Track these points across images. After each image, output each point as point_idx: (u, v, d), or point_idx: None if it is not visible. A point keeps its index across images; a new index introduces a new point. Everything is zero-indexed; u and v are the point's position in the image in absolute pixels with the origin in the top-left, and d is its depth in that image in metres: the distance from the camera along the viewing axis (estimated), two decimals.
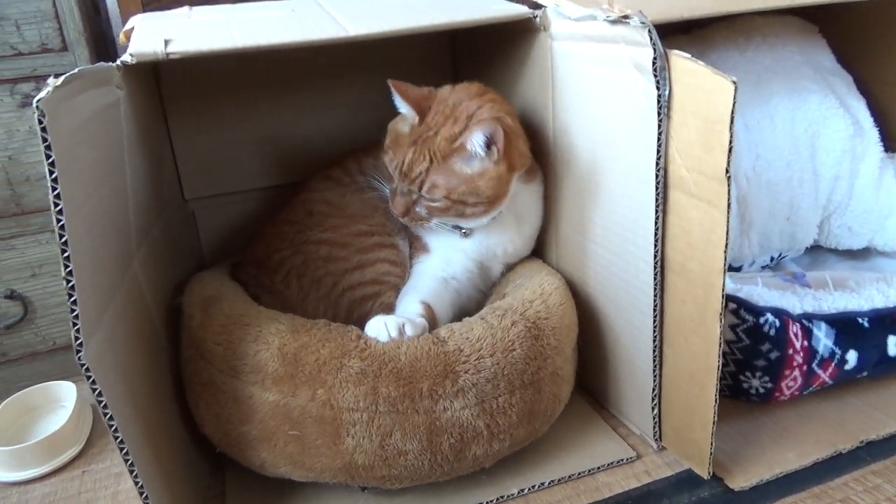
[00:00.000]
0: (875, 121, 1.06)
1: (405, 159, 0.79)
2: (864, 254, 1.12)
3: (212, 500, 0.78)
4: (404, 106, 0.81)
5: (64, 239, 0.51)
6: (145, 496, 0.61)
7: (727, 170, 0.61)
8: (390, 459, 0.69)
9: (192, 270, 0.90)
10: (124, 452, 0.58)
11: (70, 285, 0.51)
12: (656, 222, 0.70)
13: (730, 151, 0.60)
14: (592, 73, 0.75)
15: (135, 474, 0.59)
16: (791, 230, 1.06)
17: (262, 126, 1.04)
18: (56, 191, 0.50)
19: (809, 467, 0.77)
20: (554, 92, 0.83)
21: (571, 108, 0.81)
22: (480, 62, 0.99)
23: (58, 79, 0.52)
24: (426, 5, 0.85)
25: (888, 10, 1.04)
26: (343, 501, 0.76)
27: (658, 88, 0.65)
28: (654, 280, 0.72)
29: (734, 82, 0.58)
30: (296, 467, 0.71)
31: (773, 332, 0.80)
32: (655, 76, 0.64)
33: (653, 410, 0.78)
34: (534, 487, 0.76)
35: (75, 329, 0.52)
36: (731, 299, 0.81)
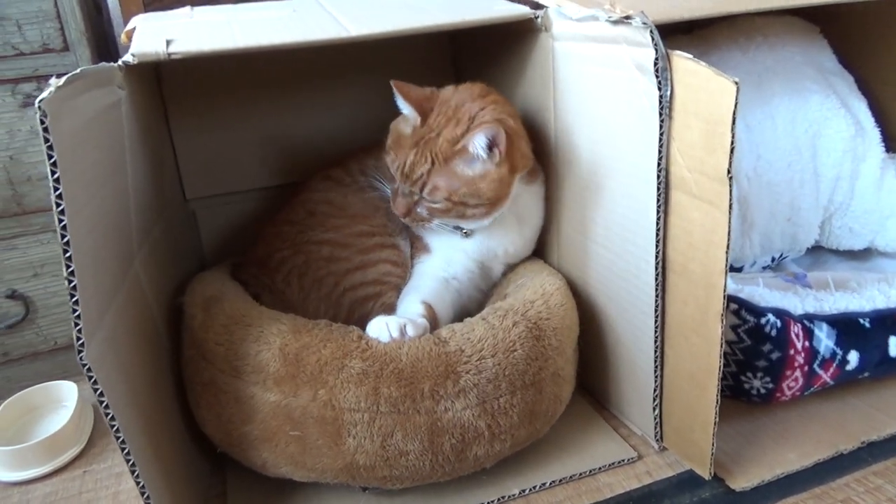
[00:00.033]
0: (876, 121, 1.06)
1: (407, 160, 0.79)
2: (865, 254, 1.12)
3: (213, 499, 0.78)
4: (406, 107, 0.81)
5: (66, 239, 0.51)
6: (146, 496, 0.61)
7: (729, 170, 0.61)
8: (391, 460, 0.69)
9: (193, 270, 0.90)
10: (126, 452, 0.58)
11: (72, 285, 0.51)
12: (658, 223, 0.70)
13: (731, 152, 0.60)
14: (594, 74, 0.75)
15: (136, 474, 0.59)
16: (792, 231, 1.06)
17: (263, 126, 1.04)
18: (58, 191, 0.50)
19: (811, 468, 0.77)
20: (555, 93, 0.83)
21: (573, 108, 0.81)
22: (482, 62, 0.99)
23: (60, 79, 0.52)
24: (427, 5, 0.85)
25: (889, 11, 1.03)
26: (344, 502, 0.76)
27: (660, 89, 0.65)
28: (656, 280, 0.72)
29: (736, 83, 0.58)
30: (297, 467, 0.71)
31: (774, 333, 0.80)
32: (657, 77, 0.64)
33: (654, 411, 0.78)
34: (535, 488, 0.76)
35: (77, 329, 0.52)
36: (733, 300, 0.81)
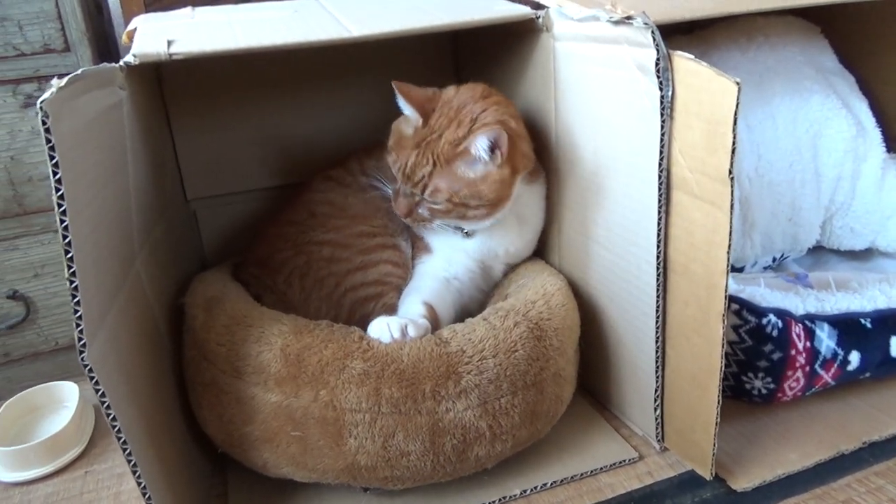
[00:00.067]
0: (877, 121, 1.06)
1: (408, 161, 0.79)
2: (866, 254, 1.12)
3: (214, 500, 0.78)
4: (408, 108, 0.81)
5: (67, 239, 0.51)
6: (148, 496, 0.61)
7: (730, 171, 0.60)
8: (393, 460, 0.69)
9: (194, 271, 0.90)
10: (127, 453, 0.58)
11: (73, 286, 0.51)
12: (659, 223, 0.70)
13: (733, 152, 0.60)
14: (595, 74, 0.75)
15: (137, 474, 0.59)
16: (793, 231, 1.06)
17: (264, 126, 1.04)
18: (60, 191, 0.50)
19: (812, 468, 0.77)
20: (556, 93, 0.83)
21: (574, 109, 0.81)
22: (483, 62, 0.99)
23: (61, 80, 0.52)
24: (429, 6, 0.85)
25: (890, 10, 1.03)
26: (345, 502, 0.76)
27: (661, 89, 0.65)
28: (657, 281, 0.72)
29: (737, 83, 0.58)
30: (298, 468, 0.71)
31: (775, 333, 0.80)
32: (658, 77, 0.64)
33: (655, 411, 0.78)
34: (536, 488, 0.76)
35: (78, 329, 0.52)
36: (734, 300, 0.81)
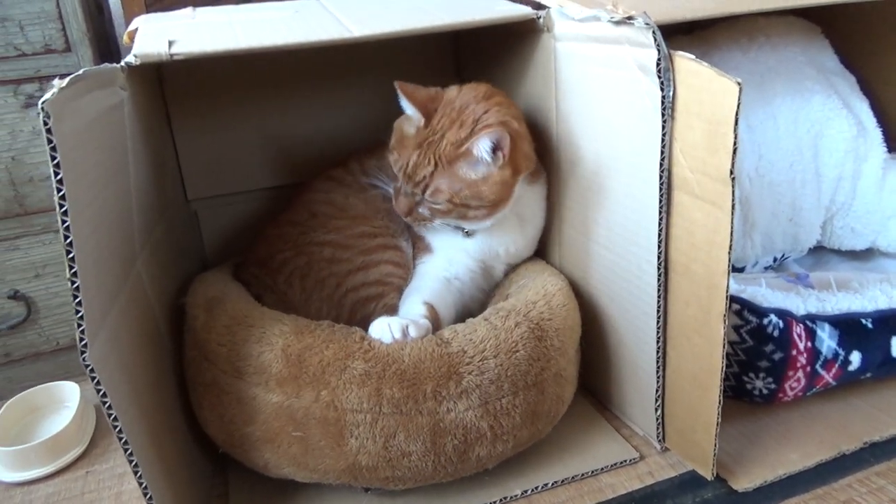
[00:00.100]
0: (878, 121, 1.06)
1: (410, 161, 0.79)
2: (867, 255, 1.12)
3: (215, 500, 0.78)
4: (410, 107, 0.80)
5: (69, 240, 0.51)
6: (149, 496, 0.61)
7: (731, 171, 0.60)
8: (394, 461, 0.69)
9: (194, 271, 0.90)
10: (128, 453, 0.58)
11: (75, 286, 0.51)
12: (660, 223, 0.70)
13: (734, 153, 0.60)
14: (596, 75, 0.75)
15: (139, 475, 0.59)
16: (794, 231, 1.06)
17: (264, 127, 1.04)
18: (61, 192, 0.50)
19: (813, 468, 0.77)
20: (557, 93, 0.83)
21: (575, 109, 0.81)
22: (484, 62, 0.99)
23: (63, 80, 0.52)
24: (430, 6, 0.85)
25: (891, 11, 1.03)
26: (346, 502, 0.76)
27: (662, 90, 0.65)
28: (658, 281, 0.72)
29: (739, 83, 0.58)
30: (299, 468, 0.71)
31: (776, 333, 0.80)
32: (659, 77, 0.64)
33: (656, 412, 0.78)
34: (537, 488, 0.76)
35: (80, 330, 0.52)
36: (735, 300, 0.81)
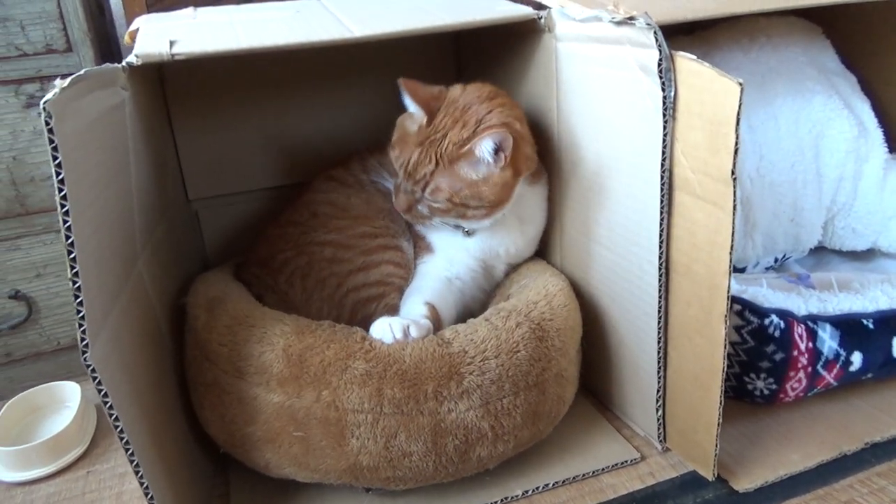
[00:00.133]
0: (879, 121, 1.06)
1: (411, 159, 0.79)
2: (868, 255, 1.12)
3: (216, 500, 0.78)
4: (413, 105, 0.81)
5: (70, 240, 0.51)
6: (150, 496, 0.61)
7: (733, 171, 0.60)
8: (395, 461, 0.69)
9: (195, 271, 0.90)
10: (129, 453, 0.58)
11: (76, 286, 0.51)
12: (661, 224, 0.70)
13: (735, 153, 0.60)
14: (597, 75, 0.75)
15: (140, 475, 0.60)
16: (795, 231, 1.06)
17: (265, 127, 1.04)
18: (63, 192, 0.50)
19: (814, 469, 0.77)
20: (559, 93, 0.83)
21: (576, 109, 0.81)
22: (485, 63, 0.99)
23: (64, 80, 0.52)
24: (431, 6, 0.85)
25: (892, 11, 1.03)
26: (347, 502, 0.76)
27: (663, 90, 0.65)
28: (659, 282, 0.72)
29: (740, 84, 0.58)
30: (300, 468, 0.71)
31: (777, 334, 0.79)
32: (661, 78, 0.64)
33: (657, 412, 0.78)
34: (538, 489, 0.76)
35: (81, 330, 0.52)
36: (736, 301, 0.81)
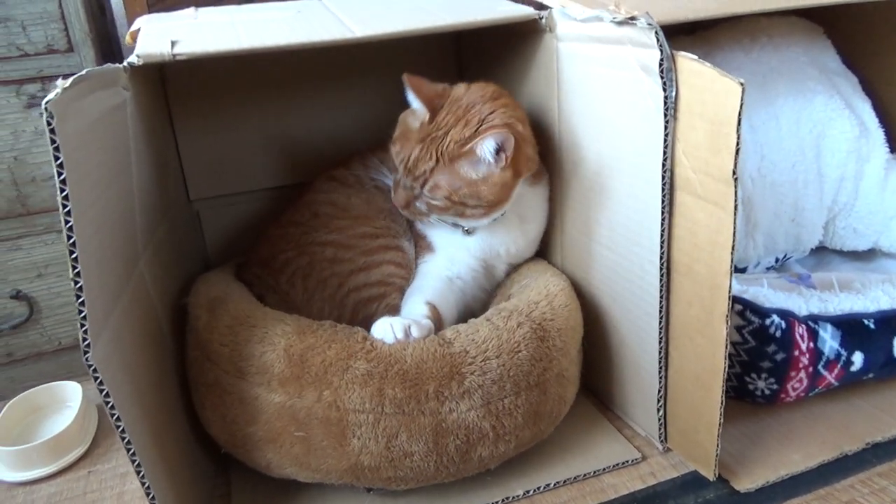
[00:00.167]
0: (880, 121, 1.06)
1: (411, 155, 0.79)
2: (869, 255, 1.12)
3: (217, 500, 0.78)
4: (416, 102, 0.81)
5: (72, 240, 0.51)
6: (152, 496, 0.61)
7: (734, 171, 0.61)
8: (396, 461, 0.69)
9: (197, 271, 0.90)
10: (131, 453, 0.58)
11: (78, 286, 0.51)
12: (662, 224, 0.70)
13: (737, 153, 0.60)
14: (598, 75, 0.75)
15: (141, 475, 0.60)
16: (796, 231, 1.06)
17: (266, 127, 1.04)
18: (64, 192, 0.50)
19: (815, 469, 0.77)
20: (560, 93, 0.83)
21: (577, 109, 0.81)
22: (486, 63, 0.99)
23: (66, 80, 0.52)
24: (432, 6, 0.85)
25: (893, 11, 1.03)
26: (348, 502, 0.76)
27: (665, 90, 0.65)
28: (660, 281, 0.72)
29: (741, 84, 0.58)
30: (301, 468, 0.71)
31: (778, 334, 0.79)
32: (662, 78, 0.64)
33: (658, 412, 0.78)
34: (539, 489, 0.76)
35: (83, 330, 0.52)
36: (737, 301, 0.81)
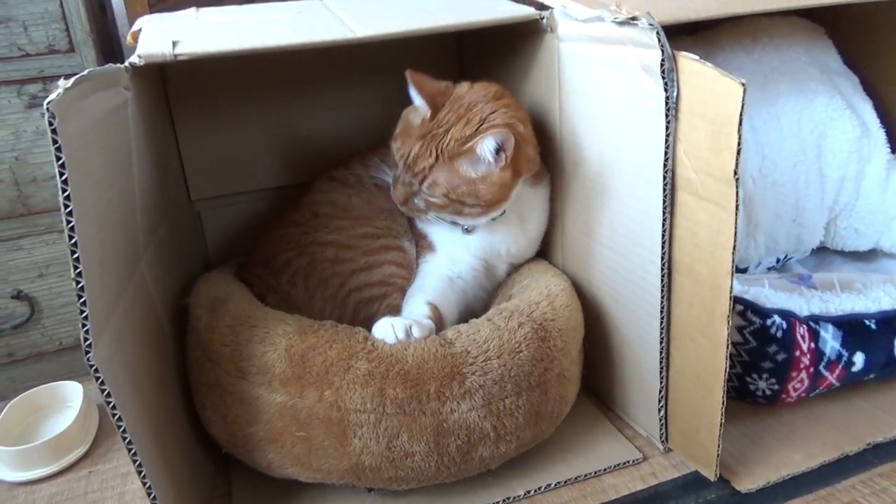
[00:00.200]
0: (882, 122, 1.06)
1: (411, 151, 0.79)
2: (870, 255, 1.12)
3: (218, 500, 0.78)
4: (418, 98, 0.81)
5: (74, 240, 0.51)
6: (153, 496, 0.61)
7: (735, 171, 0.60)
8: (397, 461, 0.69)
9: (198, 271, 0.90)
10: (132, 453, 0.58)
11: (80, 286, 0.51)
12: (664, 224, 0.70)
13: (738, 153, 0.60)
14: (600, 75, 0.75)
15: (142, 475, 0.60)
16: (797, 231, 1.06)
17: (267, 127, 1.04)
18: (66, 192, 0.50)
19: (816, 469, 0.77)
20: (561, 93, 0.83)
21: (579, 109, 0.81)
22: (487, 63, 0.99)
23: (68, 80, 0.52)
24: (433, 6, 0.85)
25: (894, 11, 1.03)
26: (349, 502, 0.76)
27: (666, 90, 0.65)
28: (662, 282, 0.72)
29: (743, 84, 0.58)
30: (303, 468, 0.71)
31: (779, 334, 0.79)
32: (663, 78, 0.64)
33: (659, 412, 0.78)
34: (540, 489, 0.76)
35: (84, 330, 0.52)
36: (738, 301, 0.81)
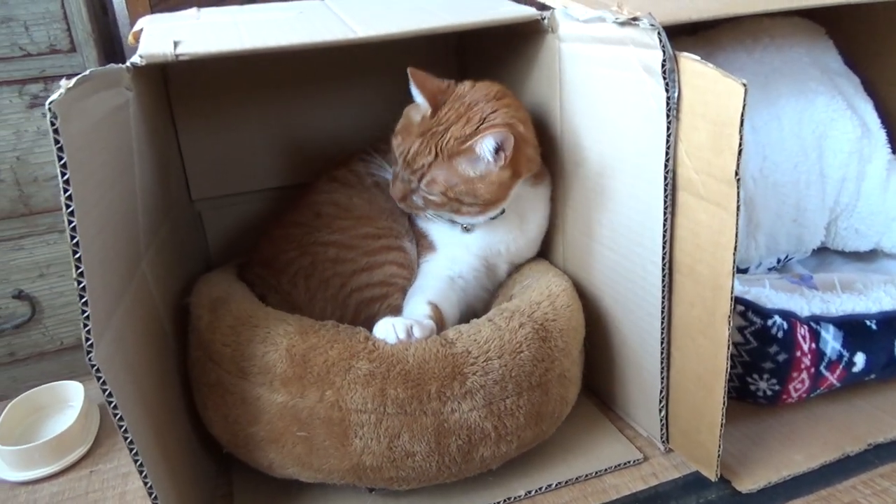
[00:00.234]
0: (882, 122, 1.06)
1: (411, 148, 0.79)
2: (871, 256, 1.12)
3: (219, 500, 0.78)
4: (419, 96, 0.81)
5: (75, 240, 0.51)
6: (154, 496, 0.61)
7: (736, 172, 0.60)
8: (398, 461, 0.69)
9: (199, 271, 0.90)
10: (133, 452, 0.58)
11: (81, 286, 0.51)
12: (664, 224, 0.70)
13: (739, 154, 0.60)
14: (601, 75, 0.75)
15: (143, 474, 0.60)
16: (798, 232, 1.06)
17: (269, 127, 1.04)
18: (68, 192, 0.50)
19: (817, 470, 0.77)
20: (562, 94, 0.83)
21: (579, 109, 0.81)
22: (488, 63, 0.99)
23: (69, 80, 0.52)
24: (433, 7, 0.85)
25: (895, 12, 1.03)
26: (350, 502, 0.76)
27: (667, 91, 0.65)
28: (662, 282, 0.72)
29: (744, 84, 0.58)
30: (303, 468, 0.71)
31: (780, 335, 0.79)
32: (664, 78, 0.64)
33: (660, 412, 0.78)
34: (541, 489, 0.76)
35: (86, 330, 0.52)
36: (739, 301, 0.81)
